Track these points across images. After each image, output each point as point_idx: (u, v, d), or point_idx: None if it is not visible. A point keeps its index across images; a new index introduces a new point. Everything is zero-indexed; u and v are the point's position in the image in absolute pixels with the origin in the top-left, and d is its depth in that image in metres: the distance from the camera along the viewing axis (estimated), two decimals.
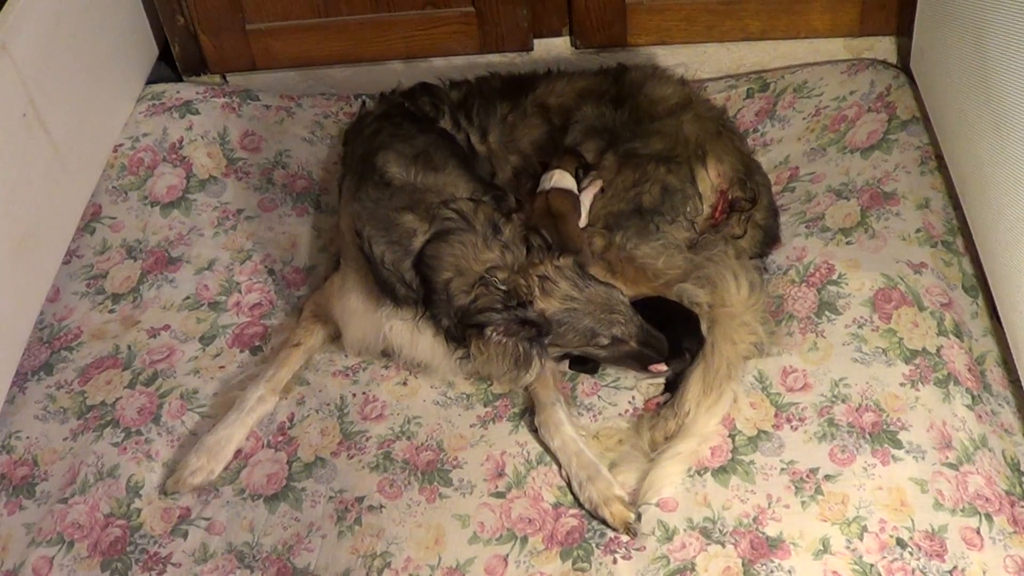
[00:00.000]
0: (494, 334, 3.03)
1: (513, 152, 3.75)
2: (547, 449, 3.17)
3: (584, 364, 3.35)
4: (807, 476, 2.98)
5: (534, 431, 3.22)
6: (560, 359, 3.33)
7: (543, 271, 3.08)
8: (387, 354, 3.42)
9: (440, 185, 3.26)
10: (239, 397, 3.33)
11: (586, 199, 3.50)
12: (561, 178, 3.51)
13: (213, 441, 3.23)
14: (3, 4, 3.54)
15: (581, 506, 3.04)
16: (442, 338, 3.17)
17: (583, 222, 3.48)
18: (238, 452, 3.25)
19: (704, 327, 3.28)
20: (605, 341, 3.13)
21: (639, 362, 3.21)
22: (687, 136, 3.56)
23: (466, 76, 3.99)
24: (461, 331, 3.08)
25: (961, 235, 3.55)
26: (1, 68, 3.43)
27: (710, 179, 3.49)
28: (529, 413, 3.27)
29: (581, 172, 3.56)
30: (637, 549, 2.90)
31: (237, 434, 3.26)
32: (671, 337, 3.20)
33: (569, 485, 3.09)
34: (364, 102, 4.36)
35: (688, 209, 3.44)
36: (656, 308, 3.30)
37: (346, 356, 3.51)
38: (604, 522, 2.98)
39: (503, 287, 3.04)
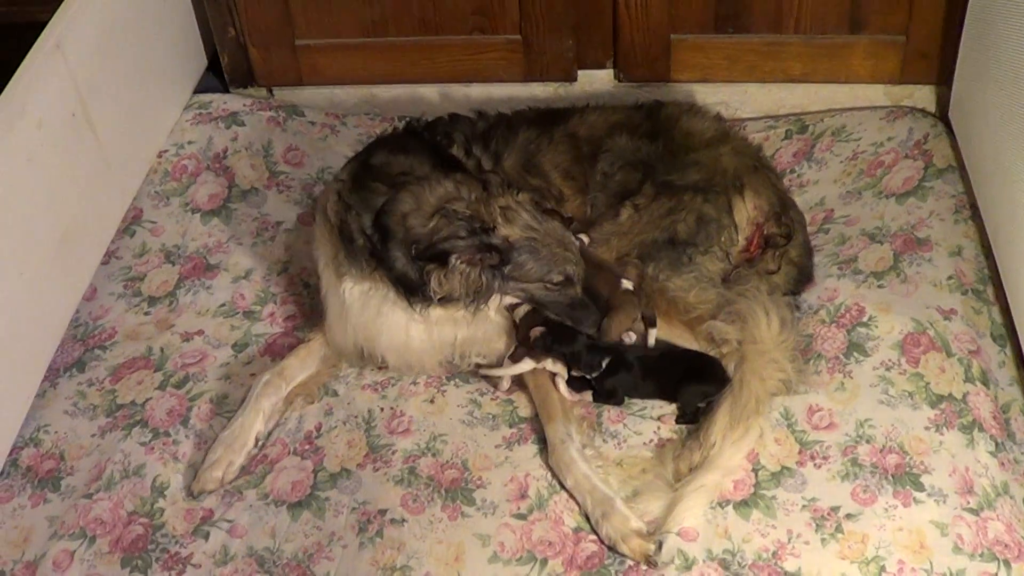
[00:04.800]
0: (459, 262, 3.05)
1: (534, 175, 3.68)
2: (563, 487, 3.15)
3: (609, 397, 3.35)
4: (828, 514, 2.97)
5: None
6: (580, 388, 3.35)
7: (503, 202, 3.15)
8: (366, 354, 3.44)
9: (409, 166, 3.30)
10: (249, 388, 3.39)
11: None
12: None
13: (227, 433, 3.29)
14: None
15: (601, 540, 3.03)
16: (397, 299, 3.22)
17: None
18: (264, 455, 3.27)
19: (732, 364, 3.28)
20: (559, 277, 3.19)
21: (577, 316, 3.28)
22: (725, 167, 3.57)
23: (507, 108, 3.98)
24: (419, 269, 3.09)
25: (992, 284, 3.55)
26: (54, 67, 3.50)
27: (747, 211, 3.49)
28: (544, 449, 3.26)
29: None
30: None
31: (250, 420, 3.31)
32: (697, 385, 3.26)
33: (588, 519, 3.07)
34: (395, 128, 4.36)
35: (723, 239, 3.45)
36: (678, 360, 3.36)
37: (373, 370, 3.52)
38: (624, 556, 2.97)
39: (466, 212, 3.08)
